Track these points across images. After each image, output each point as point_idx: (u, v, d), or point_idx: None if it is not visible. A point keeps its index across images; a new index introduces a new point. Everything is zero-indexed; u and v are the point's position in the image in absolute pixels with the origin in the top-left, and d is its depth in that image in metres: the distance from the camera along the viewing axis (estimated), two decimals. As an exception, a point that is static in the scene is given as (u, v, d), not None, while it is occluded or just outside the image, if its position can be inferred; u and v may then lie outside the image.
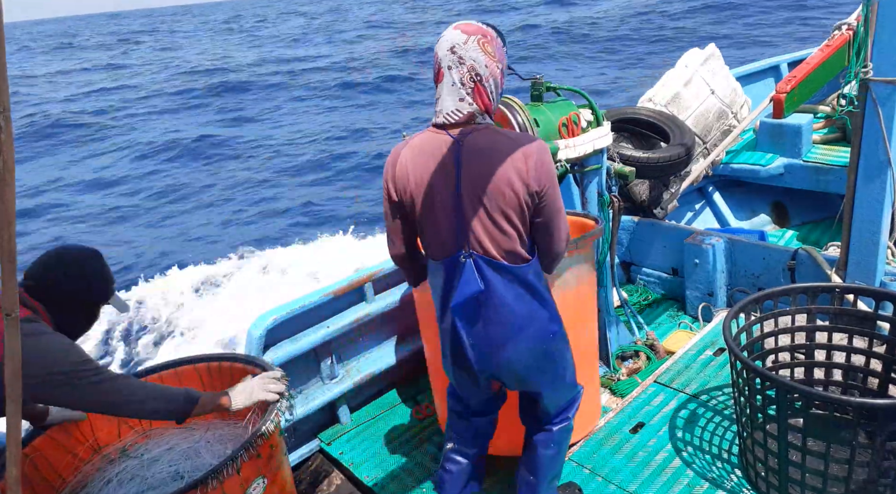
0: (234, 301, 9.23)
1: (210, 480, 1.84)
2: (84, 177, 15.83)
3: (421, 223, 2.06)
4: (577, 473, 2.55)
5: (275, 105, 21.77)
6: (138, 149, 17.64)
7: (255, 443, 1.98)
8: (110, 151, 18.17)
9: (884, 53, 2.76)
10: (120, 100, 26.11)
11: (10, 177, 1.12)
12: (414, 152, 2.01)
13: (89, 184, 15.18)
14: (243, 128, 19.18)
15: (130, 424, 2.46)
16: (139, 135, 19.50)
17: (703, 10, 27.71)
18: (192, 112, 22.33)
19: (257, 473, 2.01)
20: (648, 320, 3.99)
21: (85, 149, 18.88)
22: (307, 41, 40.24)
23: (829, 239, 4.49)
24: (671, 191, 4.41)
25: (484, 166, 1.95)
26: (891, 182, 2.90)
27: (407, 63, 25.63)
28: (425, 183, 1.99)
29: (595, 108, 3.11)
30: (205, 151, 16.73)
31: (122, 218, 12.76)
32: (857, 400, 2.02)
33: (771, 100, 4.72)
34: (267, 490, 2.05)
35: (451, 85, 1.93)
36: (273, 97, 23.13)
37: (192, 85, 26.92)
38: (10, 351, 1.28)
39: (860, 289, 2.62)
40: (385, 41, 30.85)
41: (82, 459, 2.32)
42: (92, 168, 16.63)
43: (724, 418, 2.73)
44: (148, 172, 15.62)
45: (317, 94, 22.52)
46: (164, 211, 12.90)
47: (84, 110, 24.35)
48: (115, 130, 20.65)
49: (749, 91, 5.28)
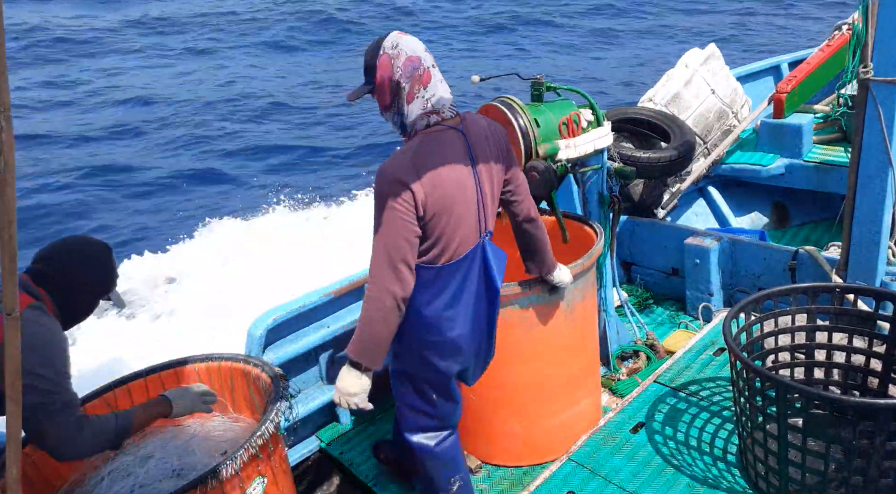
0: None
1: (209, 479, 1.84)
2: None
3: (447, 225, 2.03)
4: (577, 473, 2.56)
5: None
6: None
7: (255, 443, 1.98)
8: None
9: (884, 53, 2.76)
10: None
11: (10, 177, 1.12)
12: (432, 155, 2.00)
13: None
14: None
15: None
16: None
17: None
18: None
19: (257, 472, 2.01)
20: (648, 320, 3.99)
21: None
22: None
23: (830, 239, 4.49)
24: (671, 191, 4.41)
25: (488, 150, 2.13)
26: (891, 182, 2.90)
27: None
28: (456, 180, 2.03)
29: (595, 108, 3.11)
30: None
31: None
32: (856, 400, 2.02)
33: (771, 100, 4.73)
34: (266, 489, 2.05)
35: (441, 80, 2.05)
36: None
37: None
38: (11, 350, 1.28)
39: (860, 289, 2.62)
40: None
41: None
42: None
43: (723, 418, 2.73)
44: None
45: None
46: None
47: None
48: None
49: (749, 91, 5.28)
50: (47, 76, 16.39)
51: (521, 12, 20.74)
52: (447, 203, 2.01)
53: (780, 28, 17.57)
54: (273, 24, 20.63)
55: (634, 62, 15.68)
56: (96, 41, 19.53)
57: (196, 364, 2.52)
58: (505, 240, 3.35)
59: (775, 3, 20.02)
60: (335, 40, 19.05)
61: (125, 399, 2.44)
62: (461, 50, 17.25)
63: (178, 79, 16.29)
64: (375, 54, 2.00)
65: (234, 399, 2.51)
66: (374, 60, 2.00)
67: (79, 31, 20.27)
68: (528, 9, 21.05)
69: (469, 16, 20.82)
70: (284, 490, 2.19)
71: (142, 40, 19.70)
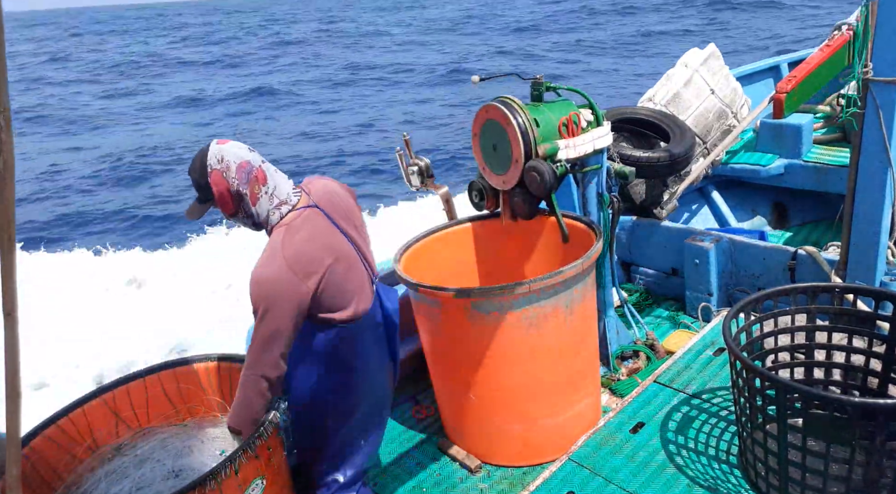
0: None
1: (209, 481, 1.84)
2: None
3: (342, 293, 2.15)
4: (577, 473, 2.55)
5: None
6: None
7: (254, 444, 1.98)
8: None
9: (884, 53, 2.76)
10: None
11: (10, 177, 1.12)
12: (307, 242, 2.09)
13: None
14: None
15: (128, 424, 2.46)
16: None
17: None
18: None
19: (256, 474, 2.01)
20: (648, 320, 3.99)
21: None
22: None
23: (829, 239, 4.49)
24: (671, 191, 4.40)
25: (343, 210, 2.25)
26: (891, 182, 2.90)
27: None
28: (337, 252, 2.15)
29: (595, 108, 3.11)
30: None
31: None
32: (856, 400, 2.02)
33: (771, 100, 4.72)
34: (266, 490, 2.05)
35: (275, 171, 2.15)
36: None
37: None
38: (10, 349, 1.28)
39: (860, 289, 2.62)
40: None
41: (80, 459, 2.32)
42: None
43: (723, 418, 2.73)
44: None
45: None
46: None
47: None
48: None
49: (749, 91, 5.28)
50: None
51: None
52: (338, 276, 2.13)
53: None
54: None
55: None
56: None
57: (195, 364, 2.52)
58: (506, 239, 3.36)
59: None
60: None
61: (124, 400, 2.44)
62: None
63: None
64: (204, 173, 2.05)
65: (234, 396, 2.50)
66: (204, 179, 2.05)
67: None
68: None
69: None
70: (283, 491, 2.19)
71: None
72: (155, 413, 2.51)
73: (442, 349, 2.89)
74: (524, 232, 3.29)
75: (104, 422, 2.41)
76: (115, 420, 2.44)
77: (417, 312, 2.92)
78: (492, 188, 3.15)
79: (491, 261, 3.43)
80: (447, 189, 3.56)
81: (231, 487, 1.91)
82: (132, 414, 2.47)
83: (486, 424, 2.87)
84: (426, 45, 33.43)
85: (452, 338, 2.78)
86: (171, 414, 2.53)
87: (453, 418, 3.03)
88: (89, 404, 2.37)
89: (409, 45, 34.97)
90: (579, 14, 39.10)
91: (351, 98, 22.03)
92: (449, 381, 2.94)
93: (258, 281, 2.01)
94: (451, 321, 2.73)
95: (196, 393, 2.54)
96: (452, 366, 2.86)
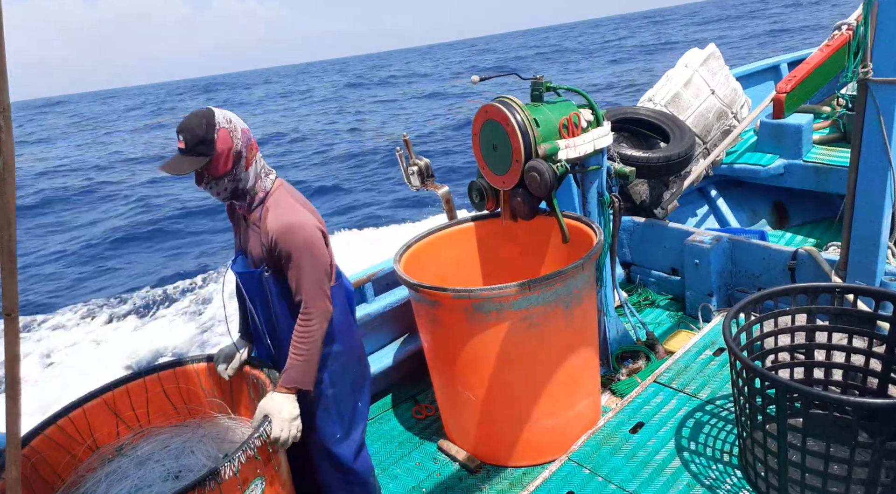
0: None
1: (208, 481, 1.84)
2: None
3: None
4: (576, 473, 2.55)
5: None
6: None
7: (253, 444, 1.98)
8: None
9: (884, 53, 2.76)
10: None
11: (10, 177, 1.12)
12: (302, 201, 2.30)
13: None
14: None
15: (128, 424, 2.46)
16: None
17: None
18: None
19: (255, 474, 2.01)
20: (648, 320, 3.99)
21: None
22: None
23: (829, 239, 4.49)
24: (671, 191, 4.41)
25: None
26: (891, 182, 2.90)
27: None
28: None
29: (595, 108, 3.11)
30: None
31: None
32: (856, 400, 2.02)
33: (771, 101, 4.73)
34: (265, 491, 2.05)
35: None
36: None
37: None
38: (10, 349, 1.28)
39: (860, 289, 2.62)
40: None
41: (80, 459, 2.32)
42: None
43: (723, 418, 2.73)
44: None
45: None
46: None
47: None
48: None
49: (749, 91, 5.28)
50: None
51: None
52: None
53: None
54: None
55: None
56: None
57: (195, 364, 2.52)
58: (506, 239, 3.36)
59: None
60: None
61: (124, 400, 2.44)
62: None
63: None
64: (211, 130, 2.11)
65: (233, 400, 2.51)
66: (210, 135, 2.10)
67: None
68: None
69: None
70: (283, 491, 2.19)
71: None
72: (155, 414, 2.50)
73: (442, 349, 2.89)
74: (524, 232, 3.29)
75: (104, 422, 2.40)
76: (116, 420, 2.43)
77: (417, 312, 2.92)
78: (492, 188, 3.15)
79: (491, 261, 3.43)
80: (447, 189, 3.56)
81: (231, 487, 1.91)
82: (132, 415, 2.47)
83: (486, 424, 2.87)
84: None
85: (452, 338, 2.78)
86: (172, 414, 2.52)
87: (453, 418, 3.03)
88: (89, 404, 2.37)
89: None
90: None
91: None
92: (449, 381, 2.94)
93: (293, 227, 2.12)
94: (450, 321, 2.72)
95: (196, 394, 2.54)
96: (452, 366, 2.86)
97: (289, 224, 2.12)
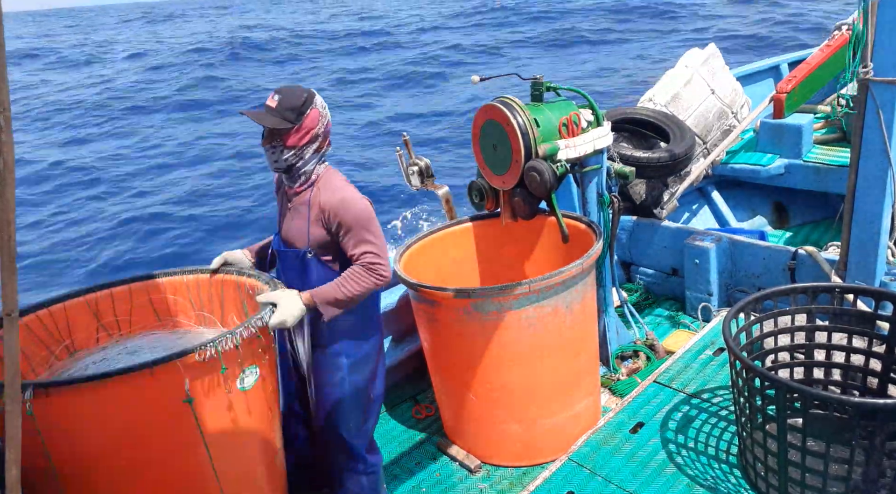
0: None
1: (209, 346, 1.82)
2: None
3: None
4: (576, 473, 2.55)
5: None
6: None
7: (255, 323, 1.96)
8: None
9: (884, 53, 2.76)
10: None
11: (10, 177, 1.12)
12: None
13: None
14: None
15: (109, 331, 2.37)
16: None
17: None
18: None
19: (252, 359, 1.98)
20: (648, 320, 3.99)
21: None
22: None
23: (829, 239, 4.49)
24: (671, 191, 4.40)
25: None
26: (891, 182, 2.90)
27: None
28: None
29: (595, 108, 3.11)
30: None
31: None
32: (856, 400, 2.02)
33: (771, 100, 4.73)
34: (258, 384, 2.02)
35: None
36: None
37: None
38: (10, 351, 1.28)
39: (860, 289, 2.61)
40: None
41: (58, 357, 2.24)
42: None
43: (723, 418, 2.73)
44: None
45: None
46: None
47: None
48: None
49: (749, 91, 5.28)
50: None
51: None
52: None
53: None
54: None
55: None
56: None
57: (185, 276, 2.44)
58: (506, 239, 3.36)
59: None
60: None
61: (107, 304, 2.35)
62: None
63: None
64: (308, 106, 2.24)
65: (224, 312, 2.43)
66: (306, 107, 2.23)
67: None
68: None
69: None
70: (271, 394, 2.16)
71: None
72: (138, 325, 2.39)
73: (442, 349, 2.89)
74: (524, 232, 3.29)
75: (84, 325, 2.30)
76: (96, 325, 2.33)
77: (417, 312, 2.92)
78: (492, 188, 3.15)
79: (491, 261, 3.43)
80: (447, 189, 3.55)
81: (231, 359, 1.89)
82: (114, 321, 2.36)
83: (485, 424, 2.87)
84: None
85: (452, 338, 2.78)
86: (157, 328, 2.43)
87: (453, 418, 3.03)
88: (71, 301, 2.27)
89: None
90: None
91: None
92: (449, 381, 2.94)
93: (353, 200, 2.25)
94: (450, 321, 2.73)
95: (184, 307, 2.44)
96: (452, 366, 2.86)
97: (348, 198, 2.23)
